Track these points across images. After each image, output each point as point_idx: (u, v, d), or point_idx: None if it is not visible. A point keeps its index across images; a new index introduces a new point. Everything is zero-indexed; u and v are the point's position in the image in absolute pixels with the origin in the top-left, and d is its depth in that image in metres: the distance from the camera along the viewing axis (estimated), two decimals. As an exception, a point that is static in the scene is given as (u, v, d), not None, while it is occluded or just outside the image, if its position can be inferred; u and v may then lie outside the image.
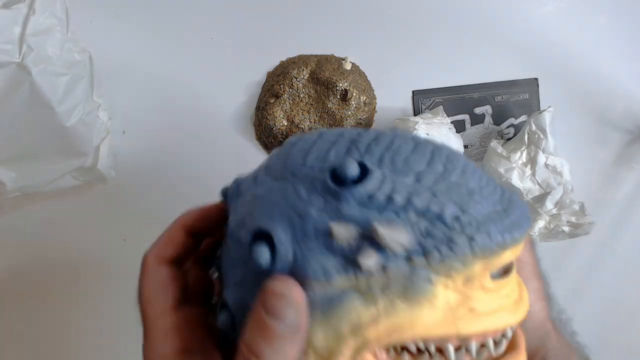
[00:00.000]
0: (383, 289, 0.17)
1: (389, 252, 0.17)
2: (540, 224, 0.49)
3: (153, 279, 0.24)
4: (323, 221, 0.18)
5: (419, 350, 0.18)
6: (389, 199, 0.18)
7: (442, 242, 0.17)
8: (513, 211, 0.19)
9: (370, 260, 0.17)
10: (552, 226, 0.49)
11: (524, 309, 0.20)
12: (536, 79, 0.54)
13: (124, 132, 0.55)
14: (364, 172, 0.18)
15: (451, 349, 0.18)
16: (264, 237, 0.18)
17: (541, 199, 0.49)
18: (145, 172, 0.55)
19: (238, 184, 0.23)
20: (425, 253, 0.17)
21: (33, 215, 0.55)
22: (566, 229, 0.49)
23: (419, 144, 0.21)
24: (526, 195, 0.50)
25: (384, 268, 0.17)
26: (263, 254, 0.18)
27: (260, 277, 0.18)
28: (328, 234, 0.18)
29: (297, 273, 0.18)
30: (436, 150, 0.21)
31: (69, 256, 0.56)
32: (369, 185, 0.18)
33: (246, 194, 0.22)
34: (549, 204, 0.49)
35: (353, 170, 0.18)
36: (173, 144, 0.55)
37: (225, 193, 0.24)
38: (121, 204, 0.55)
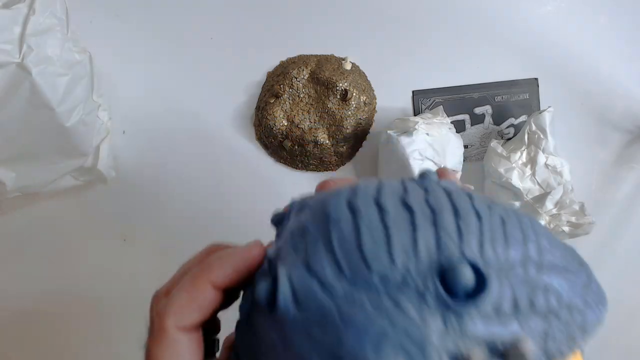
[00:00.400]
0: None
1: None
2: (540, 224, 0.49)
3: (173, 349, 0.18)
4: (449, 348, 0.14)
5: None
6: (516, 306, 0.15)
7: (562, 342, 0.15)
8: (592, 279, 0.17)
9: None
10: (552, 226, 0.49)
11: None
12: (536, 79, 0.54)
13: (124, 132, 0.55)
14: (479, 276, 0.15)
15: None
16: None
17: (541, 199, 0.49)
18: (145, 172, 0.55)
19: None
20: (548, 355, 0.15)
21: (33, 215, 0.55)
22: (566, 229, 0.49)
23: (508, 216, 0.17)
24: (526, 195, 0.50)
25: None
26: None
27: None
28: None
29: None
30: (521, 218, 0.18)
31: (69, 256, 0.56)
32: (494, 294, 0.15)
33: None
34: (549, 204, 0.49)
35: (469, 277, 0.15)
36: (173, 144, 0.55)
37: (278, 220, 0.20)
38: (121, 204, 0.55)
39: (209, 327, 0.21)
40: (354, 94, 0.51)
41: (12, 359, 0.57)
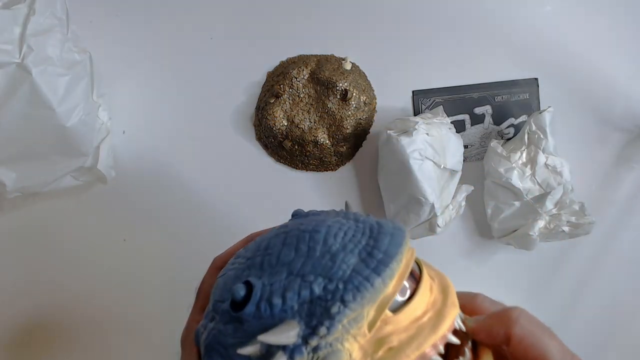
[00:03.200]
0: None
1: (290, 346, 0.19)
2: (540, 224, 0.49)
3: (214, 277, 0.26)
4: (238, 345, 0.20)
5: None
6: (270, 304, 0.20)
7: (323, 316, 0.19)
8: (379, 247, 0.21)
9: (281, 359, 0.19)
10: (552, 226, 0.49)
11: (449, 312, 0.22)
12: (536, 79, 0.54)
13: (124, 132, 0.55)
14: (249, 288, 0.21)
15: None
16: None
17: (541, 199, 0.49)
18: (145, 172, 0.55)
19: None
20: (315, 331, 0.19)
21: (33, 215, 0.55)
22: (566, 229, 0.49)
23: (288, 234, 0.23)
24: (526, 195, 0.50)
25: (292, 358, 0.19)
26: None
27: None
28: (248, 356, 0.20)
29: None
30: (301, 233, 0.22)
31: (69, 256, 0.56)
32: (254, 300, 0.20)
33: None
34: (549, 204, 0.49)
35: (240, 292, 0.21)
36: (173, 144, 0.55)
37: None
38: (121, 204, 0.55)
39: None
40: (354, 94, 0.51)
41: (12, 357, 0.57)
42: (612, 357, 0.56)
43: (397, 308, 0.21)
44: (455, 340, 0.22)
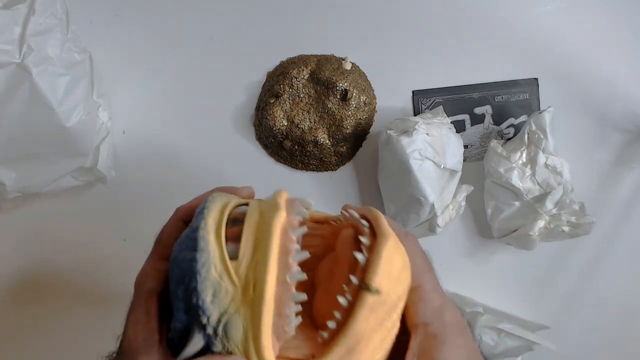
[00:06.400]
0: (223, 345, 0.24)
1: (202, 346, 0.24)
2: (540, 224, 0.49)
3: (177, 228, 0.29)
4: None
5: None
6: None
7: (194, 309, 0.23)
8: (191, 226, 0.26)
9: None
10: (552, 226, 0.49)
11: (274, 213, 0.24)
12: (536, 79, 0.54)
13: (124, 132, 0.55)
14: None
15: None
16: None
17: (541, 199, 0.49)
18: (145, 172, 0.55)
19: None
20: (202, 323, 0.23)
21: (33, 215, 0.55)
22: (566, 229, 0.49)
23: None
24: (526, 195, 0.50)
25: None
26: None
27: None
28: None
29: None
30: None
31: (69, 256, 0.56)
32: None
33: None
34: (549, 204, 0.49)
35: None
36: (173, 144, 0.55)
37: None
38: (121, 204, 0.55)
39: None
40: (354, 94, 0.51)
41: (11, 358, 0.57)
42: (612, 357, 0.56)
43: (233, 253, 0.24)
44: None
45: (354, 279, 0.24)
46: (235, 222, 0.25)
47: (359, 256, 0.25)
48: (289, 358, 0.25)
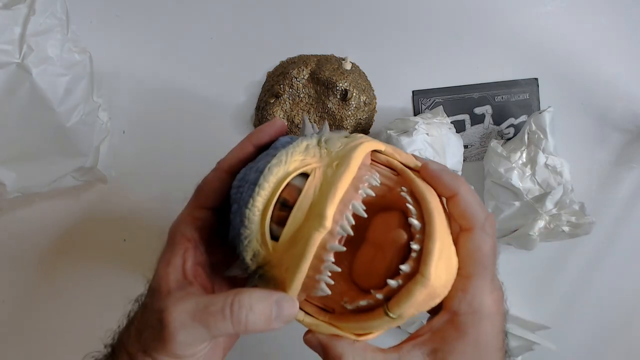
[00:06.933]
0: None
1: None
2: (540, 224, 0.49)
3: (218, 178, 0.30)
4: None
5: None
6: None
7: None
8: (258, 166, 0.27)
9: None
10: (552, 226, 0.49)
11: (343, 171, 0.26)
12: (536, 79, 0.54)
13: (124, 132, 0.55)
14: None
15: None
16: None
17: (541, 199, 0.49)
18: (145, 172, 0.55)
19: None
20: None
21: (33, 215, 0.55)
22: (566, 229, 0.49)
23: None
24: (526, 195, 0.50)
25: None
26: None
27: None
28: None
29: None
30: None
31: (69, 256, 0.56)
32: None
33: None
34: (549, 204, 0.49)
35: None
36: (173, 144, 0.55)
37: None
38: (121, 204, 0.55)
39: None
40: (354, 94, 0.51)
41: (14, 357, 0.57)
42: (612, 357, 0.56)
43: (276, 233, 0.26)
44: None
45: (393, 283, 0.25)
46: (284, 207, 0.26)
47: (404, 267, 0.25)
48: (314, 303, 0.27)
